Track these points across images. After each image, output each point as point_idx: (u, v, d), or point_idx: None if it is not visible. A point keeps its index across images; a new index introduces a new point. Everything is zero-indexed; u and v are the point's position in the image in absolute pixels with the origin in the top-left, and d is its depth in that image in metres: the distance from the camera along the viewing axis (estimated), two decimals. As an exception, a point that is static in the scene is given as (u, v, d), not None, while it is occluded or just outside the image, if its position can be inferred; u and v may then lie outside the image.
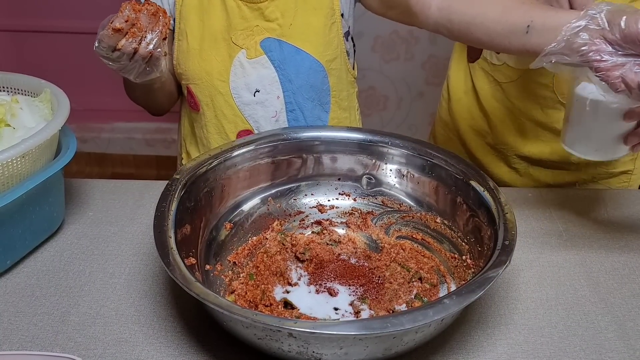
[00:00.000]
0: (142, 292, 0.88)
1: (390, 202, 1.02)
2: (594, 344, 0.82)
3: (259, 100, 1.09)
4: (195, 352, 0.79)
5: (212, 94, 1.09)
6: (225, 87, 1.08)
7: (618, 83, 0.73)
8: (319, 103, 1.14)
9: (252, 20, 1.06)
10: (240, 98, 1.09)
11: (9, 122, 0.92)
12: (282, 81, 1.09)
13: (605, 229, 1.05)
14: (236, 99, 1.09)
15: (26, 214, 0.90)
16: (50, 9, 2.49)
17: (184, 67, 1.09)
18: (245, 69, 1.07)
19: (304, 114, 1.12)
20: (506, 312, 0.87)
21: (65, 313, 0.84)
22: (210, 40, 1.06)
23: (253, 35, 1.06)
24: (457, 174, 0.92)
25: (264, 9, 1.05)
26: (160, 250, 0.75)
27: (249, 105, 1.10)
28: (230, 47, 1.07)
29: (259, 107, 1.10)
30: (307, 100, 1.12)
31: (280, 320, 0.66)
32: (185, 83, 1.11)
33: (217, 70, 1.07)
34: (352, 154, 1.02)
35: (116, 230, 1.01)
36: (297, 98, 1.11)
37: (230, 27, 1.06)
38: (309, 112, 1.13)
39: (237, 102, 1.09)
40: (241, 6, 1.05)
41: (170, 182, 0.86)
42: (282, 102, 1.10)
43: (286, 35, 1.07)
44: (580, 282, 0.93)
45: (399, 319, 0.65)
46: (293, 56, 1.08)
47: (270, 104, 1.10)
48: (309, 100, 1.12)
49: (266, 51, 1.07)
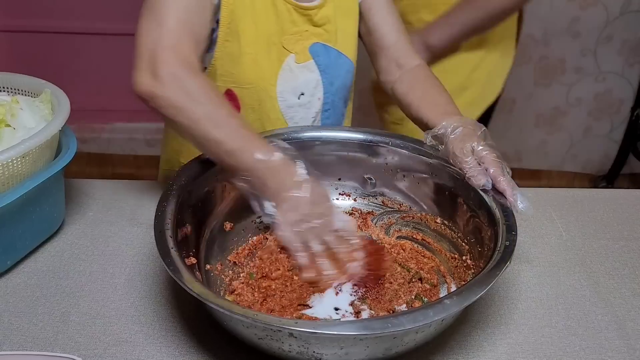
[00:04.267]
0: (142, 292, 0.89)
1: (390, 202, 1.02)
2: (594, 344, 0.82)
3: (302, 102, 1.09)
4: (195, 352, 0.79)
5: (262, 98, 1.06)
6: (273, 91, 1.06)
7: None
8: (345, 100, 1.17)
9: (302, 25, 1.06)
10: (285, 101, 1.08)
11: (9, 123, 0.91)
12: (325, 84, 1.10)
13: (605, 228, 1.05)
14: (281, 102, 1.07)
15: (26, 214, 0.90)
16: (50, 9, 2.49)
17: (232, 70, 1.03)
18: (294, 73, 1.06)
19: (335, 112, 1.15)
20: (506, 312, 0.87)
21: (66, 313, 0.84)
22: (263, 44, 1.03)
23: (302, 40, 1.06)
24: (457, 175, 0.92)
25: (313, 15, 1.05)
26: (161, 250, 0.75)
27: (292, 107, 1.09)
28: (280, 52, 1.05)
29: (301, 109, 1.10)
30: (340, 100, 1.15)
31: (281, 320, 0.66)
32: (227, 86, 1.05)
33: (267, 75, 1.05)
34: (352, 154, 1.02)
35: (116, 230, 1.01)
36: (334, 98, 1.13)
37: (281, 31, 1.04)
38: (338, 109, 1.16)
39: (282, 105, 1.08)
40: (292, 11, 1.04)
41: (171, 182, 0.86)
42: (321, 103, 1.11)
43: (332, 40, 1.09)
44: (580, 282, 0.93)
45: (399, 319, 0.65)
46: (336, 60, 1.10)
47: (312, 105, 1.10)
48: (341, 99, 1.15)
49: (314, 56, 1.07)
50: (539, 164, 2.67)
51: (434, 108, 1.02)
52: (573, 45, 2.36)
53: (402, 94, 1.10)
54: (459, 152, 0.90)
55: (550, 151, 2.63)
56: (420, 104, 1.05)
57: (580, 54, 2.38)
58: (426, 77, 1.11)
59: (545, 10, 2.27)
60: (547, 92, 2.47)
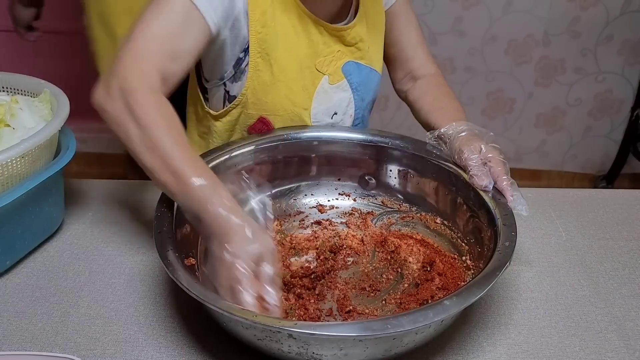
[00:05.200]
0: (141, 292, 0.88)
1: (390, 202, 1.02)
2: (594, 344, 0.82)
3: (335, 121, 1.08)
4: (195, 352, 0.79)
5: (295, 122, 1.04)
6: (307, 115, 1.05)
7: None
8: (370, 109, 1.18)
9: (334, 46, 1.04)
10: (319, 123, 1.07)
11: (9, 123, 0.91)
12: (356, 101, 1.09)
13: (605, 229, 1.05)
14: (314, 124, 1.06)
15: (26, 214, 0.90)
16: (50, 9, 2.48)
17: (264, 98, 1.01)
18: (328, 95, 1.05)
19: (363, 124, 1.15)
20: (506, 312, 0.87)
21: (65, 313, 0.84)
22: (296, 70, 1.01)
23: (335, 60, 1.05)
24: (458, 175, 0.92)
25: (346, 36, 1.04)
26: (160, 251, 0.75)
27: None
28: (314, 75, 1.03)
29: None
30: (368, 112, 1.16)
31: (280, 322, 0.65)
32: (259, 113, 1.03)
33: (301, 100, 1.03)
34: (352, 154, 1.02)
35: (116, 231, 1.01)
36: (364, 113, 1.13)
37: (314, 54, 1.02)
38: (365, 120, 1.17)
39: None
40: (324, 33, 1.02)
41: (170, 183, 0.86)
42: (352, 119, 1.11)
43: (366, 57, 1.08)
44: (580, 282, 0.93)
45: (399, 320, 0.65)
46: (368, 76, 1.10)
47: (344, 122, 1.10)
48: (368, 111, 1.16)
49: (346, 75, 1.06)
50: (539, 164, 2.67)
51: (442, 113, 1.04)
52: (573, 45, 2.36)
53: (413, 100, 1.14)
54: (467, 150, 0.90)
55: (550, 151, 2.63)
56: (430, 109, 1.08)
57: (580, 54, 2.38)
58: (438, 85, 1.14)
59: (545, 10, 2.27)
60: (547, 92, 2.47)
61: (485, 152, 0.90)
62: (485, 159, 0.90)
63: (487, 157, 0.90)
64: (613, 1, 2.26)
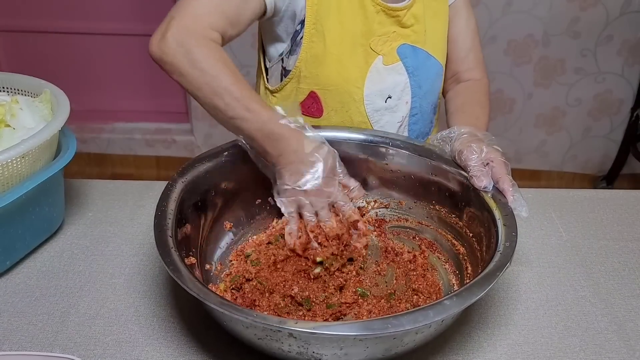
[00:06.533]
0: (142, 292, 0.88)
1: (390, 203, 1.02)
2: (593, 344, 0.82)
3: (389, 106, 1.08)
4: (195, 352, 0.79)
5: (345, 101, 1.06)
6: (359, 94, 1.05)
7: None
8: (434, 106, 1.17)
9: (389, 27, 1.04)
10: (372, 105, 1.07)
11: (9, 123, 0.91)
12: (413, 87, 1.09)
13: (605, 229, 1.05)
14: (367, 106, 1.06)
15: (26, 214, 0.90)
16: (50, 10, 2.49)
17: (315, 71, 1.03)
18: (382, 76, 1.05)
19: (423, 117, 1.14)
20: (506, 312, 0.87)
21: (65, 313, 0.84)
22: (349, 45, 1.02)
23: (390, 41, 1.05)
24: (458, 176, 0.92)
25: (402, 17, 1.04)
26: (161, 250, 0.75)
27: (379, 111, 1.08)
28: (368, 53, 1.04)
29: (388, 113, 1.09)
30: (429, 105, 1.15)
31: (281, 321, 0.65)
32: (310, 88, 1.05)
33: (354, 77, 1.04)
34: (352, 154, 1.02)
35: (116, 231, 1.01)
36: (422, 103, 1.12)
37: (369, 32, 1.03)
38: (427, 115, 1.15)
39: (368, 108, 1.07)
40: (380, 12, 1.02)
41: (170, 182, 0.86)
42: (408, 108, 1.10)
43: (420, 41, 1.08)
44: (580, 282, 0.93)
45: (399, 320, 0.65)
46: (424, 62, 1.09)
47: (399, 109, 1.09)
48: (430, 104, 1.15)
49: (402, 57, 1.06)
50: (539, 165, 2.67)
51: (461, 117, 1.06)
52: (573, 46, 2.36)
53: (447, 100, 1.17)
54: (467, 150, 0.90)
55: (550, 151, 2.63)
56: (454, 111, 1.10)
57: (580, 54, 2.38)
58: (475, 91, 1.14)
59: (545, 10, 2.27)
60: (547, 92, 2.47)
61: (487, 153, 0.90)
62: (486, 159, 0.90)
63: (488, 157, 0.90)
64: (613, 1, 2.26)
